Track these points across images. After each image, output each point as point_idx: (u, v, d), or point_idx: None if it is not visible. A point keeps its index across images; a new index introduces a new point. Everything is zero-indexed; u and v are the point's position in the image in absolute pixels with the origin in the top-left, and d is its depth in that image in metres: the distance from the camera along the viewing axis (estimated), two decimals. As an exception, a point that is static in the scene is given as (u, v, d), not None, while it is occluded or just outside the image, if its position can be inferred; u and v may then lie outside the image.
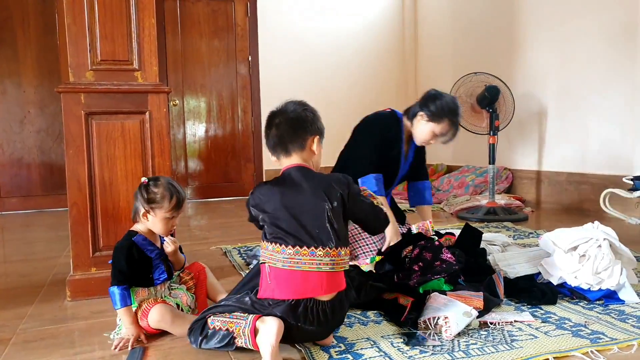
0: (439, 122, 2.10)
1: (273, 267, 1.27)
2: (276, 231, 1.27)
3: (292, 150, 1.33)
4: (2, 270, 2.33)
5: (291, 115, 1.34)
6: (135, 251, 1.47)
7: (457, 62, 4.62)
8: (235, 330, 1.25)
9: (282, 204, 1.27)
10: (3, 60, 4.02)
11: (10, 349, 1.40)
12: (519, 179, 3.99)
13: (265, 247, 1.30)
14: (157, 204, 1.47)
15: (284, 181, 1.32)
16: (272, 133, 1.35)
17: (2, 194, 4.06)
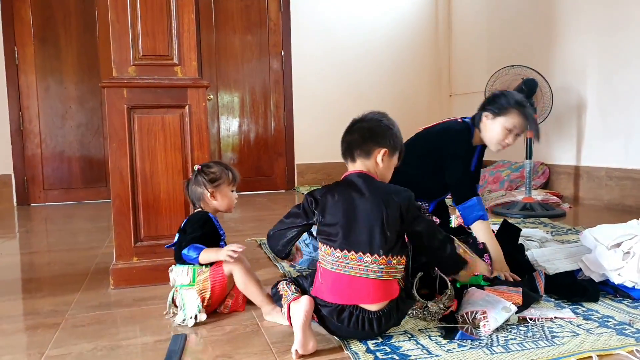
0: (506, 114, 1.85)
1: (324, 268, 1.30)
2: (328, 233, 1.29)
3: (358, 157, 1.37)
4: (48, 259, 2.44)
5: (366, 125, 1.39)
6: (210, 224, 1.58)
7: (492, 55, 4.52)
8: (282, 302, 1.37)
9: (338, 207, 1.30)
10: (46, 58, 4.18)
11: (61, 332, 1.47)
12: (556, 174, 3.88)
13: (320, 248, 1.33)
14: (220, 180, 1.60)
15: (344, 185, 1.35)
16: (345, 138, 1.40)
17: (45, 186, 4.24)
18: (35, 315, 1.63)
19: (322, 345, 1.31)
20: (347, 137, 1.40)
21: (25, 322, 1.58)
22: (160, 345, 1.37)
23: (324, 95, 4.91)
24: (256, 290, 1.52)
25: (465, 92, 4.97)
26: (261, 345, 1.35)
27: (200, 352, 1.32)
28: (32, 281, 2.10)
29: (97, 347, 1.36)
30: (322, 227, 1.32)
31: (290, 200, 4.28)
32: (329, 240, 1.29)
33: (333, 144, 5.45)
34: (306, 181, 4.92)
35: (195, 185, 1.61)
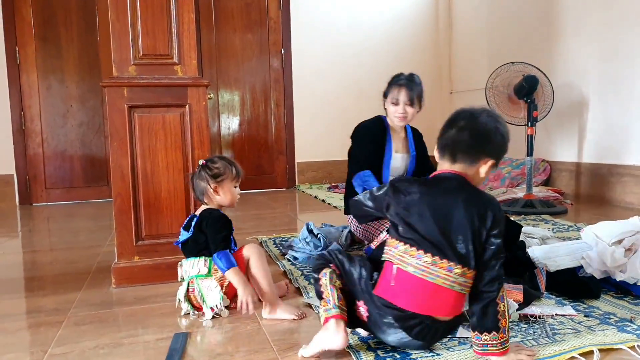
0: (388, 92, 2.27)
1: (402, 270, 1.16)
2: (410, 232, 1.16)
3: (459, 159, 1.19)
4: (51, 258, 2.45)
5: (479, 127, 1.18)
6: (230, 223, 1.61)
7: (493, 52, 4.52)
8: (322, 303, 1.25)
9: (426, 205, 1.16)
10: (48, 57, 4.18)
11: (63, 330, 1.48)
12: (558, 171, 3.88)
13: (395, 246, 1.18)
14: (223, 176, 1.61)
15: (435, 183, 1.20)
16: (449, 134, 1.20)
17: (47, 185, 4.25)
18: (37, 314, 1.63)
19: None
20: (452, 132, 1.20)
21: (27, 321, 1.59)
22: (161, 343, 1.38)
23: (324, 93, 4.91)
24: (266, 280, 1.54)
25: (466, 89, 4.97)
26: (262, 343, 1.35)
27: (202, 351, 1.33)
28: (34, 280, 2.11)
29: (99, 345, 1.37)
30: (401, 225, 1.17)
31: (291, 199, 4.29)
32: (412, 240, 1.15)
33: (333, 142, 5.50)
34: (307, 179, 4.92)
35: (199, 180, 1.62)
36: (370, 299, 1.20)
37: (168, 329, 1.47)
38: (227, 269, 1.49)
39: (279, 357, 1.27)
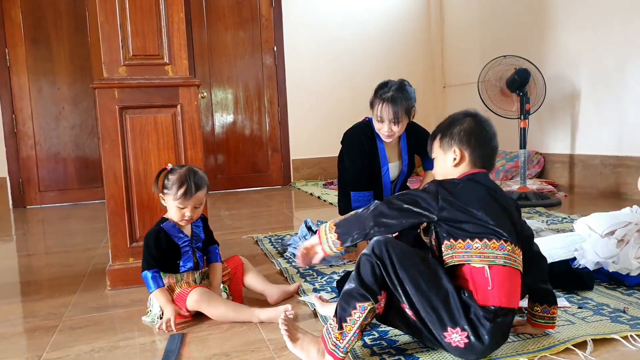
0: (373, 107, 2.11)
1: (494, 265, 1.12)
2: (487, 226, 1.13)
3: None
4: (46, 261, 2.44)
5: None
6: (163, 236, 1.53)
7: (485, 46, 4.52)
8: (335, 330, 1.14)
9: (493, 199, 1.17)
10: (38, 60, 4.15)
11: (58, 335, 1.48)
12: (551, 163, 3.90)
13: (474, 247, 1.13)
14: (167, 190, 1.53)
15: (484, 181, 1.21)
16: (494, 144, 1.26)
17: (41, 188, 4.22)
18: (32, 318, 1.63)
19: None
20: (495, 143, 1.27)
21: (23, 325, 1.59)
22: (158, 345, 1.38)
23: (318, 89, 4.90)
24: (262, 281, 1.63)
25: (459, 83, 4.97)
26: (258, 342, 1.35)
27: (198, 351, 1.33)
28: (29, 284, 2.10)
29: (94, 349, 1.36)
30: (473, 224, 1.13)
31: (286, 196, 4.29)
32: (490, 233, 1.13)
33: (328, 138, 5.48)
34: (302, 176, 4.92)
35: (154, 185, 1.58)
36: (462, 316, 1.10)
37: (164, 330, 1.46)
38: (154, 289, 1.48)
39: (275, 356, 1.27)
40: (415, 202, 1.16)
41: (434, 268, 1.14)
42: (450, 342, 1.11)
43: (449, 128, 1.26)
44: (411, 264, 1.12)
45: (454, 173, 1.24)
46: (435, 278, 1.12)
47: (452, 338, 1.11)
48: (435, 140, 1.30)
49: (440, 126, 1.30)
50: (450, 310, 1.10)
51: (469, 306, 1.10)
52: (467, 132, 1.24)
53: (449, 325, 1.10)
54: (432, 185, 1.18)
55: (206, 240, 1.64)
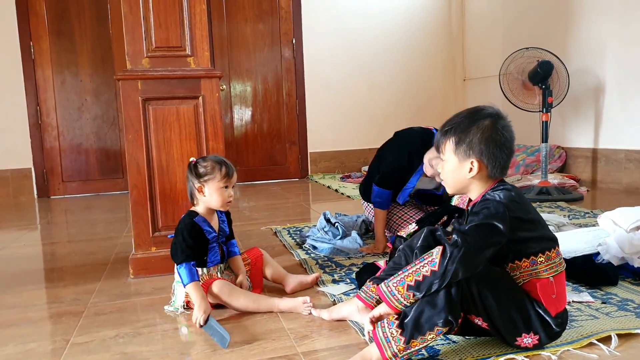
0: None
1: (557, 275, 1.15)
2: (543, 241, 1.14)
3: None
4: (70, 249, 2.50)
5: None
6: (196, 231, 1.53)
7: (507, 38, 4.44)
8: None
9: (535, 210, 1.19)
10: (62, 51, 4.23)
11: (84, 320, 1.51)
12: (573, 158, 3.83)
13: (539, 262, 1.13)
14: (208, 176, 1.53)
15: (517, 190, 1.19)
16: (513, 149, 1.20)
17: (64, 178, 4.31)
18: (59, 304, 1.67)
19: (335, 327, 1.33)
20: (514, 149, 1.22)
21: (49, 310, 1.63)
22: (179, 332, 1.41)
23: (336, 82, 4.88)
24: (279, 269, 1.68)
25: (479, 76, 4.90)
26: (279, 331, 1.37)
27: (220, 338, 1.35)
28: (54, 271, 2.16)
29: (119, 335, 1.40)
30: (534, 240, 1.13)
31: (304, 189, 4.30)
32: (549, 244, 1.15)
33: (346, 131, 5.47)
34: (319, 169, 4.93)
35: (188, 179, 1.57)
36: (538, 324, 1.13)
37: (186, 318, 1.49)
38: (188, 282, 1.46)
39: (295, 344, 1.28)
40: (491, 236, 1.08)
41: (511, 282, 1.14)
42: (520, 344, 1.15)
43: (467, 131, 1.15)
44: (493, 283, 1.11)
45: (466, 182, 1.18)
46: (514, 293, 1.13)
47: (523, 341, 1.15)
48: (449, 142, 1.18)
49: (456, 124, 1.18)
50: (526, 320, 1.13)
51: (543, 317, 1.13)
52: (488, 141, 1.14)
53: (523, 332, 1.14)
54: (497, 205, 1.10)
55: (229, 234, 1.67)
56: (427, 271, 1.07)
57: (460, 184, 1.20)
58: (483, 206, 1.11)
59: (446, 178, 1.22)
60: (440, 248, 1.08)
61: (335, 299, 1.55)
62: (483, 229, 1.08)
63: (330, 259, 2.02)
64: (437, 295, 1.07)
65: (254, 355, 1.24)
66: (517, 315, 1.12)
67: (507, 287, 1.13)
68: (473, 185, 1.19)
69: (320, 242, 2.14)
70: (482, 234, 1.07)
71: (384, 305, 1.14)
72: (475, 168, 1.15)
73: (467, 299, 1.09)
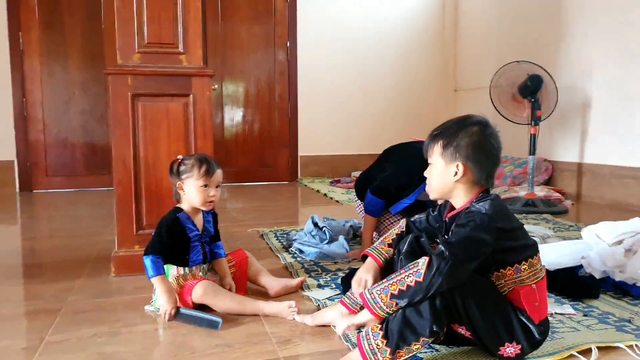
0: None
1: (539, 282, 1.15)
2: (526, 249, 1.15)
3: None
4: (51, 245, 2.45)
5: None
6: (178, 226, 1.52)
7: (499, 51, 4.49)
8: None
9: (515, 218, 1.18)
10: (52, 44, 4.17)
11: (61, 318, 1.48)
12: (559, 171, 3.87)
13: (523, 269, 1.13)
14: (187, 174, 1.52)
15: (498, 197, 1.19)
16: (500, 158, 1.20)
17: (48, 173, 4.24)
18: (36, 301, 1.64)
19: (318, 336, 1.32)
20: (500, 158, 1.22)
21: (26, 307, 1.60)
22: (159, 333, 1.38)
23: (329, 87, 4.89)
24: (266, 274, 1.67)
25: (471, 87, 4.95)
26: (261, 335, 1.35)
27: (201, 341, 1.32)
28: (33, 266, 2.11)
29: (97, 334, 1.37)
30: (520, 249, 1.14)
31: (293, 192, 4.28)
32: (532, 251, 1.16)
33: (337, 136, 5.47)
34: (310, 173, 4.92)
35: (170, 176, 1.57)
36: (521, 334, 1.13)
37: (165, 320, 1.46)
38: (153, 275, 1.44)
39: (277, 349, 1.27)
40: (478, 249, 1.09)
41: (494, 291, 1.14)
42: (503, 353, 1.14)
43: (455, 135, 1.16)
44: (477, 292, 1.11)
45: (451, 186, 1.18)
46: (498, 302, 1.13)
47: (506, 351, 1.14)
48: (436, 145, 1.19)
49: (444, 129, 1.19)
50: (510, 330, 1.12)
51: (526, 325, 1.13)
52: (474, 146, 1.15)
53: (506, 341, 1.13)
54: (483, 216, 1.10)
55: (214, 235, 1.65)
56: (411, 281, 1.07)
57: (445, 188, 1.20)
58: (469, 218, 1.11)
59: (431, 182, 1.22)
60: (426, 259, 1.07)
61: (320, 304, 1.54)
62: (469, 241, 1.08)
63: (317, 263, 2.01)
64: (422, 305, 1.07)
65: (235, 358, 1.22)
66: (500, 325, 1.12)
67: (491, 296, 1.13)
68: (457, 190, 1.19)
69: (307, 246, 2.13)
70: (469, 246, 1.08)
71: (366, 312, 1.14)
72: (460, 171, 1.16)
73: (450, 309, 1.09)
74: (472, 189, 1.18)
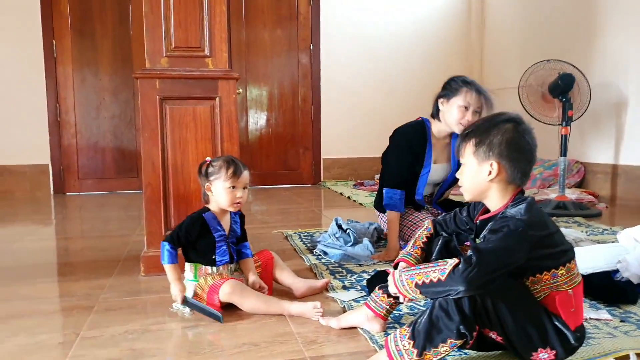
0: (458, 94, 2.00)
1: (576, 287, 1.11)
2: (563, 254, 1.11)
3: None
4: (83, 245, 2.51)
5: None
6: (200, 225, 1.54)
7: (526, 50, 4.40)
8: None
9: (552, 222, 1.13)
10: (83, 50, 4.29)
11: (94, 315, 1.52)
12: (592, 173, 3.76)
13: (560, 274, 1.09)
14: (215, 175, 1.54)
15: (534, 201, 1.14)
16: (535, 157, 1.18)
17: (80, 176, 4.36)
18: (70, 298, 1.68)
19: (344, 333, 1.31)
20: (535, 157, 1.20)
21: (61, 304, 1.64)
22: (187, 331, 1.40)
23: (353, 90, 4.88)
24: (290, 274, 1.68)
25: (497, 87, 4.86)
26: (287, 335, 1.35)
27: (228, 340, 1.33)
28: (67, 265, 2.17)
29: (128, 331, 1.39)
30: (559, 254, 1.10)
31: (316, 195, 4.29)
32: (569, 256, 1.12)
33: (361, 139, 5.45)
34: (332, 176, 4.91)
35: (198, 178, 1.60)
36: (556, 339, 1.09)
37: (194, 317, 1.48)
38: (167, 263, 1.50)
39: (304, 349, 1.26)
40: (508, 258, 1.04)
41: (527, 295, 1.10)
42: (536, 359, 1.10)
43: (488, 133, 1.13)
44: (508, 296, 1.07)
45: (485, 187, 1.14)
46: (530, 306, 1.09)
47: (539, 356, 1.10)
48: (469, 144, 1.15)
49: (476, 127, 1.16)
50: (543, 335, 1.08)
51: (561, 330, 1.09)
52: (509, 143, 1.11)
53: (539, 347, 1.09)
54: (517, 223, 1.05)
55: (241, 236, 1.66)
56: (435, 277, 1.06)
57: (479, 189, 1.16)
58: (503, 224, 1.08)
59: (464, 183, 1.19)
60: (455, 261, 1.05)
61: (345, 305, 1.53)
62: (500, 250, 1.04)
63: (341, 265, 2.00)
64: (450, 307, 1.05)
65: (261, 357, 1.23)
66: (532, 330, 1.08)
67: (524, 300, 1.09)
68: (492, 191, 1.15)
69: (331, 247, 2.12)
70: (499, 256, 1.04)
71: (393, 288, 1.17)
72: (494, 170, 1.12)
73: (480, 312, 1.06)
74: (506, 189, 1.15)
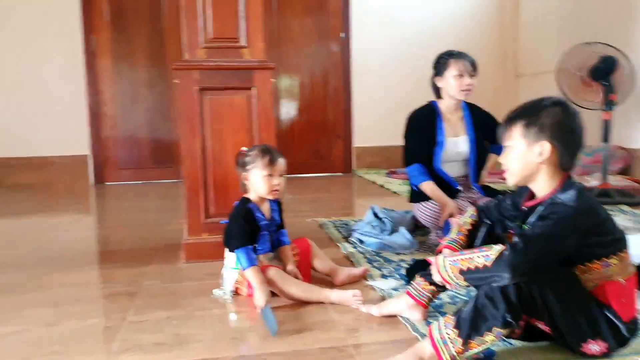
0: (448, 67, 2.18)
1: (628, 277, 1.09)
2: (616, 243, 1.11)
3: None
4: (124, 234, 2.59)
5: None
6: (251, 217, 1.56)
7: (563, 32, 4.23)
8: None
9: (604, 209, 1.14)
10: (120, 44, 4.39)
11: (139, 300, 1.57)
12: (638, 160, 3.61)
13: (612, 264, 1.07)
14: (251, 164, 1.56)
15: (584, 186, 1.13)
16: (584, 141, 1.15)
17: (119, 166, 4.49)
18: (114, 284, 1.74)
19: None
20: (585, 141, 1.17)
21: (106, 290, 1.70)
22: (229, 317, 1.43)
23: (384, 77, 4.82)
24: (328, 262, 1.69)
25: (533, 72, 4.71)
26: (329, 322, 1.37)
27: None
28: (108, 253, 2.25)
29: (171, 317, 1.44)
30: (614, 241, 1.10)
31: (347, 183, 4.29)
32: (622, 244, 1.11)
33: (392, 127, 5.35)
34: (364, 164, 4.89)
35: (237, 168, 1.61)
36: (608, 331, 1.07)
37: (236, 304, 1.51)
38: (248, 266, 1.46)
39: (346, 336, 1.28)
40: (556, 246, 1.03)
41: (576, 284, 1.08)
42: (586, 351, 1.08)
43: (537, 115, 1.10)
44: (556, 284, 1.05)
45: (533, 169, 1.11)
46: (579, 295, 1.07)
47: (589, 348, 1.08)
48: (516, 126, 1.12)
49: (523, 110, 1.13)
50: (594, 326, 1.06)
51: (613, 322, 1.07)
52: (560, 124, 1.08)
53: (589, 337, 1.07)
54: (567, 210, 1.03)
55: (280, 223, 1.68)
56: (480, 264, 1.06)
57: (527, 171, 1.13)
58: (552, 210, 1.05)
59: (511, 166, 1.15)
60: (501, 247, 1.04)
61: (385, 294, 1.54)
62: (549, 237, 1.03)
63: (378, 253, 2.00)
64: (496, 295, 1.03)
65: (305, 344, 1.25)
66: (582, 320, 1.06)
67: (573, 289, 1.07)
68: (540, 174, 1.12)
69: (368, 236, 2.12)
70: (547, 243, 1.02)
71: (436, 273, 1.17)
72: (545, 151, 1.09)
73: (527, 301, 1.04)
74: (555, 173, 1.12)
